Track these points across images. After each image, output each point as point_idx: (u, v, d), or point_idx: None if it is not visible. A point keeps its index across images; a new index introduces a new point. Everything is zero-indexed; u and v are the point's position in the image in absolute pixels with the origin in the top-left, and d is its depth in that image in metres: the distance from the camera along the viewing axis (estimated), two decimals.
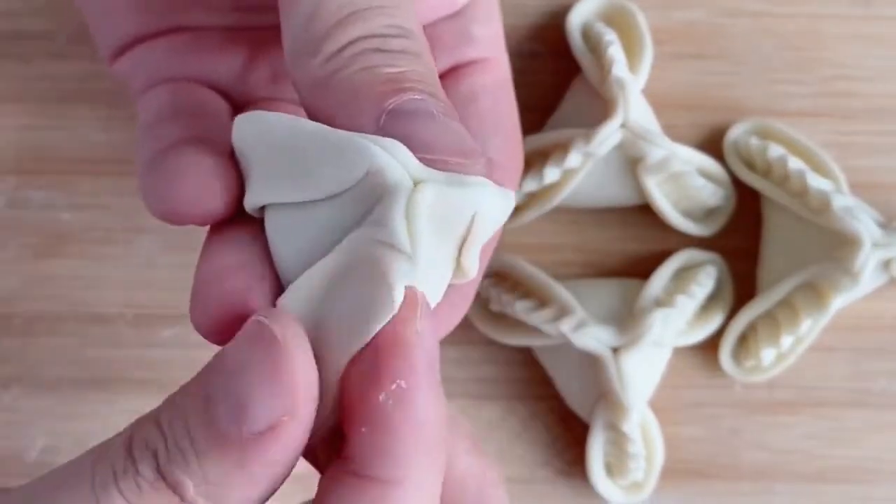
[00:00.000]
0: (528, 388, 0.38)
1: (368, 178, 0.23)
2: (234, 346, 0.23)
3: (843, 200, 0.36)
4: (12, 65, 0.39)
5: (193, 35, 0.31)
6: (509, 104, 0.32)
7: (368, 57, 0.24)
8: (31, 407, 0.38)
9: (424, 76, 0.24)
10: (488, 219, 0.24)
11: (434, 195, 0.23)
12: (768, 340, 0.37)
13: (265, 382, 0.22)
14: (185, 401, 0.23)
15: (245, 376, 0.22)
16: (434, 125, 0.23)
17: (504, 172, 0.31)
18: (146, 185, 0.27)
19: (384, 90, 0.24)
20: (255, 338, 0.22)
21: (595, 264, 0.39)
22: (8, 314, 0.38)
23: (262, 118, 0.25)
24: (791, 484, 0.38)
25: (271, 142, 0.24)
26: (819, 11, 0.39)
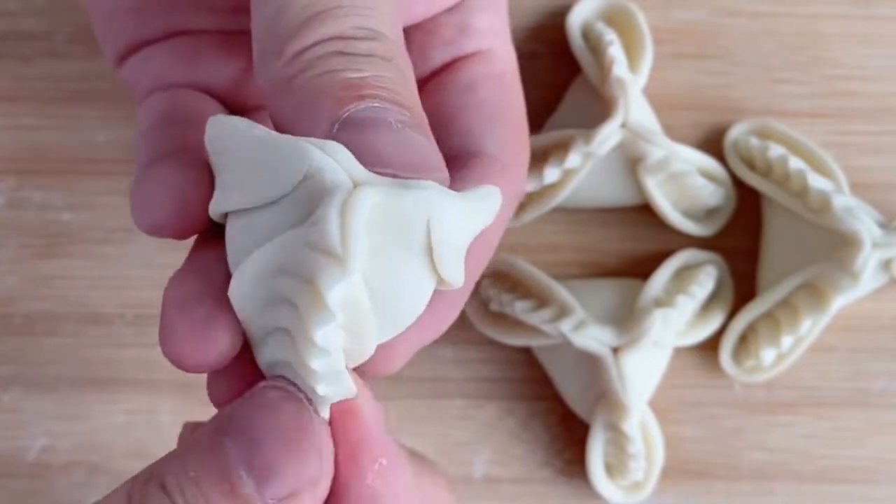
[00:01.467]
0: (528, 388, 0.38)
1: (307, 182, 0.22)
2: (254, 411, 0.22)
3: (843, 200, 0.36)
4: (12, 65, 0.39)
5: (193, 39, 0.31)
6: (512, 95, 0.31)
7: (331, 60, 0.23)
8: (31, 407, 0.38)
9: (390, 82, 0.24)
10: (445, 223, 0.23)
11: (376, 198, 0.22)
12: (768, 340, 0.37)
13: (294, 450, 0.22)
14: (197, 465, 0.22)
15: (271, 443, 0.22)
16: (388, 136, 0.23)
17: (502, 167, 0.29)
18: (131, 198, 0.27)
19: (341, 96, 0.23)
20: (279, 405, 0.22)
21: (595, 264, 0.38)
22: (8, 314, 0.38)
23: (225, 122, 0.24)
24: (791, 484, 0.38)
25: (230, 147, 0.24)
26: (819, 11, 0.39)
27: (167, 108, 0.30)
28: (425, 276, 0.23)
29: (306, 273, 0.22)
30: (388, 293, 0.23)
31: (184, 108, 0.30)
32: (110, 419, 0.38)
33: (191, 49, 0.31)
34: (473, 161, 0.29)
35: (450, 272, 0.23)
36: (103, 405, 0.38)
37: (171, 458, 0.23)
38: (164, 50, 0.31)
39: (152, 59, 0.31)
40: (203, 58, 0.31)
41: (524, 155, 0.31)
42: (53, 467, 0.38)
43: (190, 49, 0.31)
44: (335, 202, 0.22)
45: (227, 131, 0.24)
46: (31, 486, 0.38)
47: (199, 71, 0.31)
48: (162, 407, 0.38)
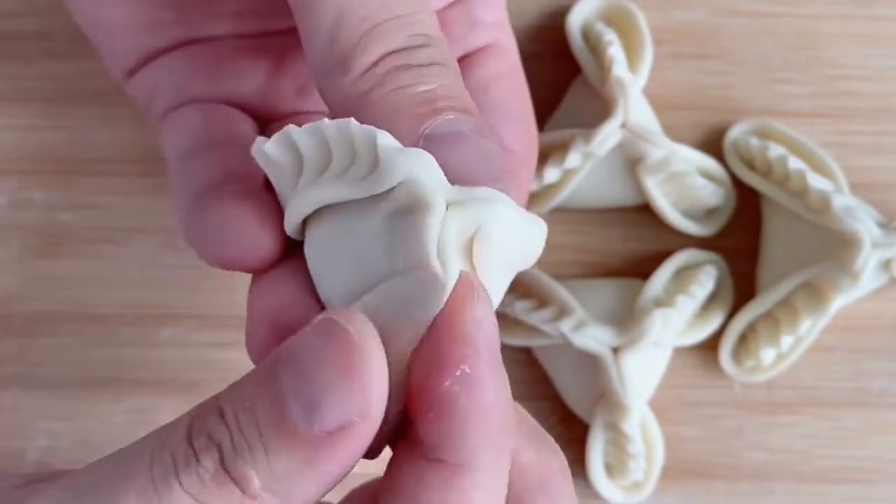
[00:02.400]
0: (528, 388, 0.38)
1: (401, 187, 0.23)
2: (308, 343, 0.22)
3: (843, 200, 0.36)
4: (12, 65, 0.39)
5: (210, 47, 0.31)
6: (521, 88, 0.32)
7: (400, 75, 0.24)
8: (31, 407, 0.38)
9: (454, 89, 0.25)
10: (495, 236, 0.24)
11: (461, 218, 0.23)
12: (768, 340, 0.37)
13: (341, 383, 0.22)
14: (253, 393, 0.22)
15: (320, 375, 0.22)
16: (468, 149, 0.24)
17: (520, 162, 0.31)
18: (192, 233, 0.27)
19: (420, 112, 0.24)
20: (331, 336, 0.22)
21: (595, 264, 0.38)
22: (8, 314, 0.38)
23: (285, 135, 0.25)
24: (791, 484, 0.38)
25: (306, 143, 0.24)
26: (819, 11, 0.39)
27: (201, 130, 0.30)
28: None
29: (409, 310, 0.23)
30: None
31: (218, 127, 0.30)
32: (110, 419, 0.38)
33: (209, 58, 0.31)
34: None
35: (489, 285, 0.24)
36: (103, 405, 0.38)
37: (231, 387, 0.23)
38: (180, 61, 0.31)
39: (168, 70, 0.31)
40: (224, 67, 0.31)
41: (535, 144, 0.32)
42: (53, 467, 0.38)
43: (208, 58, 0.31)
44: (434, 226, 0.23)
45: (288, 141, 0.24)
46: None
47: (222, 82, 0.31)
48: (162, 407, 0.38)
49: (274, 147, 0.25)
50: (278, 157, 0.25)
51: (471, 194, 0.23)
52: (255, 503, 0.22)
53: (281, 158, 0.25)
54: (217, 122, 0.30)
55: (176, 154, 0.30)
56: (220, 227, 0.26)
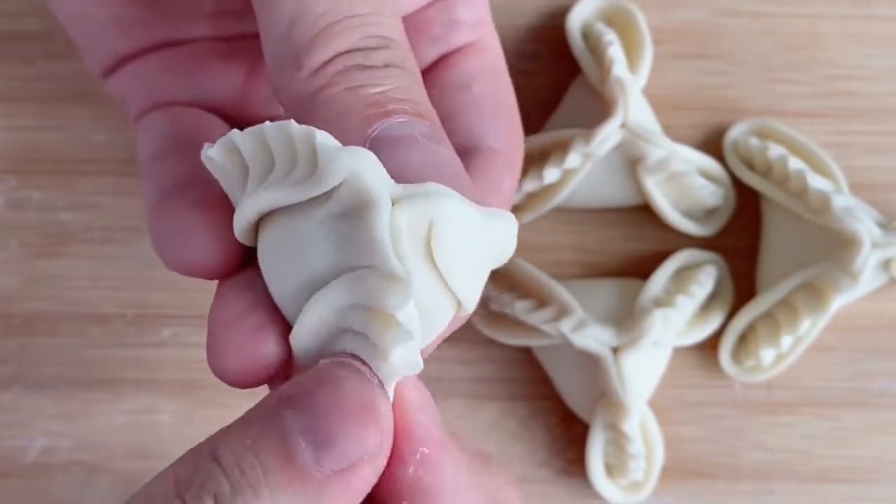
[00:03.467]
0: (528, 388, 0.38)
1: (346, 185, 0.22)
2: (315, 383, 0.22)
3: (843, 200, 0.36)
4: (12, 65, 0.39)
5: (186, 50, 0.31)
6: (504, 86, 0.31)
7: (352, 75, 0.24)
8: (30, 407, 0.38)
9: (408, 91, 0.24)
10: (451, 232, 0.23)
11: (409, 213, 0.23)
12: (768, 340, 0.37)
13: (356, 420, 0.22)
14: (255, 432, 0.22)
15: (332, 413, 0.22)
16: (416, 153, 0.23)
17: (504, 160, 0.30)
18: (155, 236, 0.27)
19: (368, 114, 0.24)
20: (342, 377, 0.22)
21: (595, 264, 0.38)
22: (8, 314, 0.38)
23: (228, 139, 0.24)
24: (791, 484, 0.38)
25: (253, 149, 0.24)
26: (819, 11, 0.39)
27: (170, 132, 0.30)
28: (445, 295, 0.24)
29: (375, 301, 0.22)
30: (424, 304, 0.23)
31: (188, 130, 0.30)
32: (110, 419, 0.38)
33: (185, 60, 0.30)
34: (476, 156, 0.29)
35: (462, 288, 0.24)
36: (103, 405, 0.38)
37: (224, 431, 0.23)
38: (155, 63, 0.30)
39: (144, 73, 0.30)
40: (200, 69, 0.30)
41: (520, 142, 0.31)
42: (53, 467, 0.38)
43: (184, 60, 0.30)
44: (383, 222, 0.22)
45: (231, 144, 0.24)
46: (31, 486, 0.38)
47: (197, 85, 0.30)
48: (162, 407, 0.38)
49: (218, 152, 0.24)
50: (223, 162, 0.24)
51: (417, 189, 0.23)
52: None
53: (226, 163, 0.24)
54: (187, 126, 0.30)
55: (145, 157, 0.29)
56: (178, 234, 0.26)
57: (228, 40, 0.31)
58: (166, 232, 0.26)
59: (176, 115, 0.30)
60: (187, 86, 0.30)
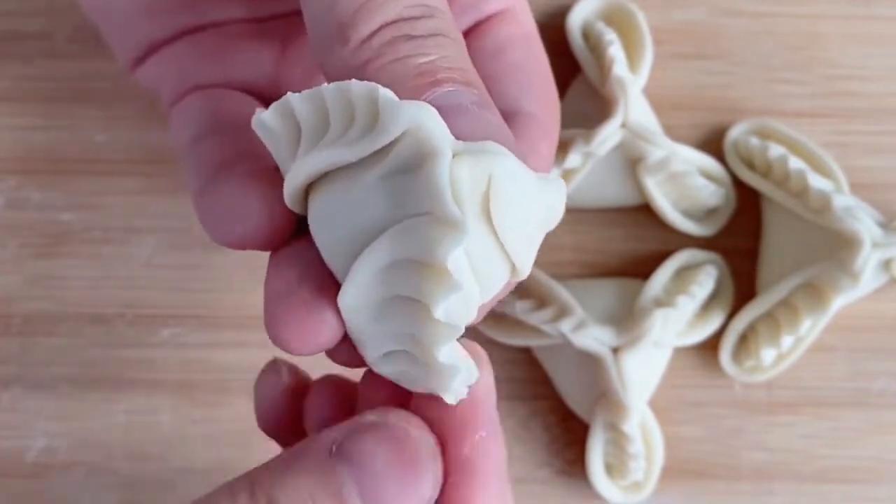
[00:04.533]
0: (528, 388, 0.38)
1: (405, 138, 0.22)
2: (371, 444, 0.23)
3: (843, 200, 0.36)
4: (12, 65, 0.39)
5: (216, 33, 0.30)
6: (539, 53, 0.31)
7: (399, 46, 0.24)
8: (30, 407, 0.38)
9: (455, 60, 0.24)
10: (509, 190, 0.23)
11: (469, 167, 0.22)
12: (768, 340, 0.37)
13: (408, 486, 0.23)
14: (310, 484, 0.23)
15: (387, 478, 0.23)
16: (468, 121, 0.23)
17: (541, 127, 0.29)
18: (203, 212, 0.27)
19: (417, 84, 0.23)
20: (397, 441, 0.23)
21: (595, 264, 0.38)
22: (8, 314, 0.38)
23: (283, 103, 0.24)
24: (791, 484, 0.38)
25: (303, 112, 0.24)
26: (819, 11, 0.39)
27: (210, 113, 0.29)
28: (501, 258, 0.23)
29: (425, 248, 0.22)
30: (478, 263, 0.23)
31: (228, 111, 0.29)
32: (110, 419, 0.38)
33: (217, 43, 0.30)
34: (514, 121, 0.29)
35: (514, 246, 0.23)
36: (103, 405, 0.38)
37: (276, 471, 0.23)
38: (188, 47, 0.30)
39: (176, 58, 0.30)
40: (232, 52, 0.30)
41: (556, 107, 0.31)
42: (53, 467, 0.38)
43: (216, 43, 0.30)
44: (444, 169, 0.22)
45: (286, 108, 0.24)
46: (31, 486, 0.38)
47: (229, 67, 0.30)
48: (162, 407, 0.38)
49: (271, 116, 0.24)
50: (276, 126, 0.24)
51: (478, 146, 0.23)
52: None
53: (279, 128, 0.24)
54: (226, 107, 0.30)
55: (186, 139, 0.29)
56: (228, 207, 0.26)
57: (259, 22, 0.31)
58: (216, 206, 0.26)
59: (213, 97, 0.30)
60: (220, 69, 0.30)
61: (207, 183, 0.27)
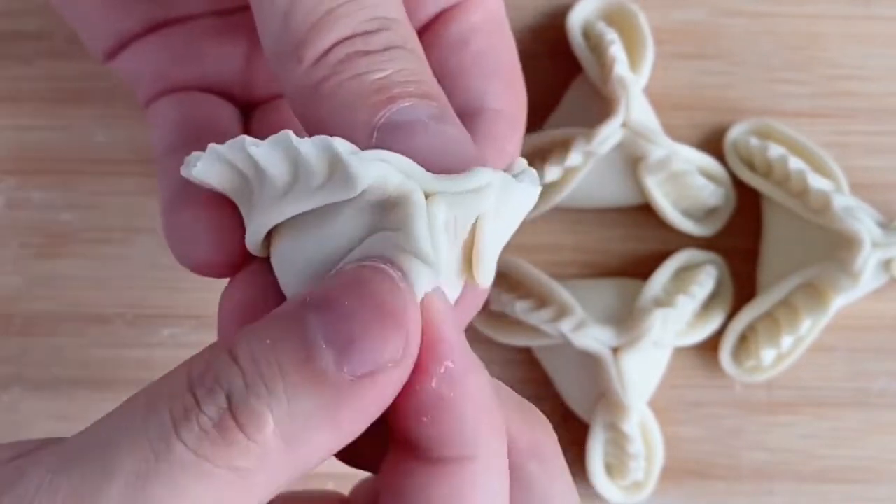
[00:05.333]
0: (528, 388, 0.38)
1: (371, 191, 0.22)
2: (341, 286, 0.21)
3: (843, 200, 0.36)
4: (12, 65, 0.39)
5: (186, 30, 0.30)
6: (505, 42, 0.30)
7: (354, 62, 0.24)
8: (30, 407, 0.38)
9: (412, 73, 0.24)
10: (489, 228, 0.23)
11: (447, 205, 0.22)
12: (768, 340, 0.37)
13: (380, 324, 0.21)
14: (274, 332, 0.21)
15: (356, 316, 0.21)
16: (425, 139, 0.23)
17: (507, 122, 0.29)
18: (166, 234, 0.27)
19: (374, 101, 0.23)
20: (374, 277, 0.21)
21: (595, 264, 0.38)
22: (8, 314, 0.38)
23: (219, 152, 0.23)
24: (791, 484, 0.38)
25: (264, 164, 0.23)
26: (819, 11, 0.39)
27: (181, 123, 0.29)
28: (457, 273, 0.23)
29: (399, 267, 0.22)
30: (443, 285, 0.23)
31: (198, 119, 0.29)
32: None
33: (186, 40, 0.30)
34: (479, 118, 0.29)
35: (484, 271, 0.23)
36: (103, 405, 0.38)
37: (243, 331, 0.22)
38: (157, 44, 0.30)
39: (146, 55, 0.30)
40: (202, 49, 0.30)
41: (523, 101, 0.30)
42: None
43: (186, 40, 0.30)
44: (421, 213, 0.22)
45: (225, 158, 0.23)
46: None
47: (200, 66, 0.30)
48: None
49: (206, 168, 0.23)
50: (217, 177, 0.24)
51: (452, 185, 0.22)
52: (261, 450, 0.20)
53: (220, 178, 0.24)
54: (197, 115, 0.29)
55: (161, 149, 0.29)
56: (186, 233, 0.26)
57: (226, 15, 0.30)
58: (176, 231, 0.26)
59: (185, 103, 0.30)
60: (190, 67, 0.30)
61: (171, 203, 0.27)
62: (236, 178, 0.24)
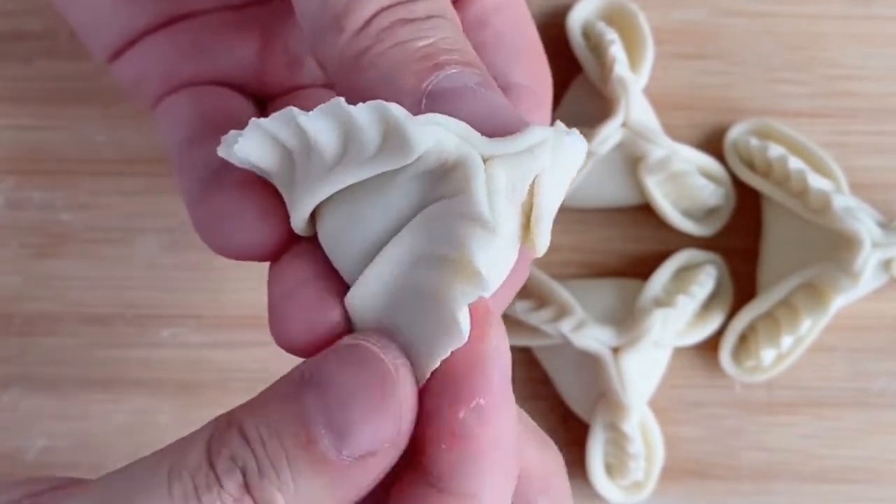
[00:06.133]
0: (528, 388, 0.38)
1: (427, 157, 0.22)
2: (338, 368, 0.22)
3: (843, 200, 0.36)
4: (12, 65, 0.39)
5: (196, 25, 0.30)
6: (525, 22, 0.30)
7: (397, 30, 0.23)
8: (30, 407, 0.38)
9: (455, 41, 0.24)
10: (546, 189, 0.23)
11: (504, 169, 0.22)
12: (768, 340, 0.37)
13: (374, 414, 0.22)
14: (278, 416, 0.22)
15: (352, 404, 0.22)
16: (474, 103, 0.23)
17: (534, 98, 0.29)
18: (198, 224, 0.26)
19: (420, 68, 0.23)
20: (364, 365, 0.22)
21: (595, 264, 0.38)
22: (8, 314, 0.38)
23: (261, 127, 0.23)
24: (791, 484, 0.38)
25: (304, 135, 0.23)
26: (819, 11, 0.39)
27: (197, 116, 0.29)
28: (514, 241, 0.23)
29: (455, 242, 0.22)
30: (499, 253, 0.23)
31: (215, 111, 0.29)
32: (110, 419, 0.38)
33: (196, 36, 0.30)
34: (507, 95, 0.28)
35: (543, 236, 0.23)
36: (103, 405, 0.38)
37: (251, 404, 0.22)
38: (166, 41, 0.30)
39: (155, 53, 0.30)
40: (212, 44, 0.30)
41: (548, 79, 0.30)
42: (53, 467, 0.38)
43: (195, 36, 0.30)
44: (479, 175, 0.22)
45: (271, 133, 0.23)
46: None
47: (211, 61, 0.30)
48: (162, 407, 0.38)
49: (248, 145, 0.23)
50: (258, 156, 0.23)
51: (509, 146, 0.22)
52: None
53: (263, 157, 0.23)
54: (213, 107, 0.29)
55: (175, 144, 0.29)
56: (225, 219, 0.25)
57: (238, 9, 0.30)
58: (212, 219, 0.26)
59: (198, 97, 0.29)
60: (202, 63, 0.30)
61: (202, 192, 0.27)
62: (279, 154, 0.23)
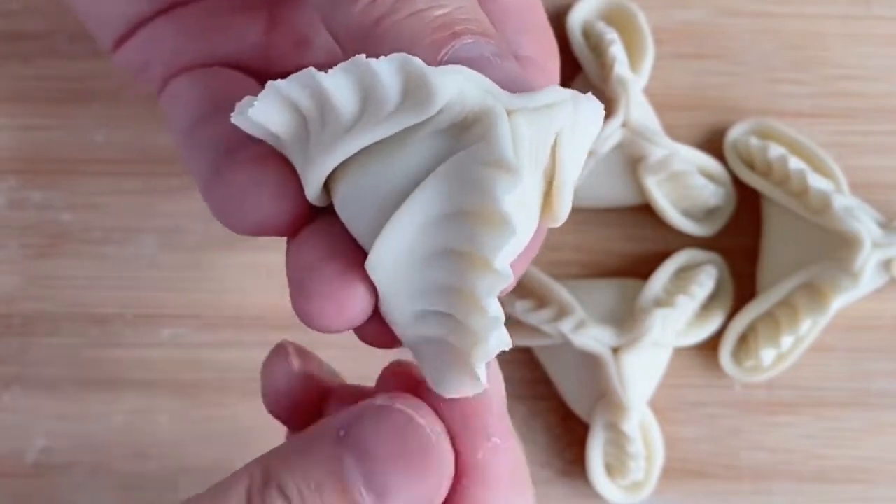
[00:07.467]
0: (528, 388, 0.38)
1: (450, 108, 0.22)
2: (373, 432, 0.23)
3: (843, 200, 0.36)
4: (12, 65, 0.39)
5: (201, 7, 0.30)
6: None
7: (412, 0, 0.23)
8: (30, 407, 0.38)
9: (471, 11, 0.24)
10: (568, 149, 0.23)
11: (527, 123, 0.22)
12: (768, 340, 0.37)
13: (415, 477, 0.23)
14: (318, 475, 0.23)
15: (392, 468, 0.23)
16: (493, 72, 0.23)
17: (541, 71, 0.29)
18: (213, 203, 0.26)
19: (437, 38, 0.23)
20: (400, 431, 0.23)
21: (595, 264, 0.38)
22: (8, 314, 0.38)
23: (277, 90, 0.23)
24: (791, 484, 0.38)
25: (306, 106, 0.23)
26: (819, 11, 0.39)
27: (206, 96, 0.29)
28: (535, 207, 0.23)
29: (478, 189, 0.21)
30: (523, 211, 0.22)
31: (221, 93, 0.29)
32: (110, 419, 0.38)
33: (201, 18, 0.30)
34: None
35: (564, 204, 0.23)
36: (103, 405, 0.38)
37: (286, 458, 0.23)
38: (171, 26, 0.30)
39: (159, 38, 0.30)
40: (217, 27, 0.30)
41: (556, 54, 0.30)
42: (53, 467, 0.38)
43: (200, 19, 0.30)
44: (503, 121, 0.22)
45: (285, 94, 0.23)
46: (31, 486, 0.38)
47: (217, 44, 0.30)
48: (162, 407, 0.38)
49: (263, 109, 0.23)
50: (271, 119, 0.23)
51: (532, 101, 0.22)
52: None
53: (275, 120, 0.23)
54: (220, 88, 0.29)
55: (182, 127, 0.28)
56: (242, 195, 0.25)
57: None
58: (228, 195, 0.25)
59: (205, 78, 0.29)
60: (207, 46, 0.29)
61: (216, 170, 0.26)
62: (294, 119, 0.23)
